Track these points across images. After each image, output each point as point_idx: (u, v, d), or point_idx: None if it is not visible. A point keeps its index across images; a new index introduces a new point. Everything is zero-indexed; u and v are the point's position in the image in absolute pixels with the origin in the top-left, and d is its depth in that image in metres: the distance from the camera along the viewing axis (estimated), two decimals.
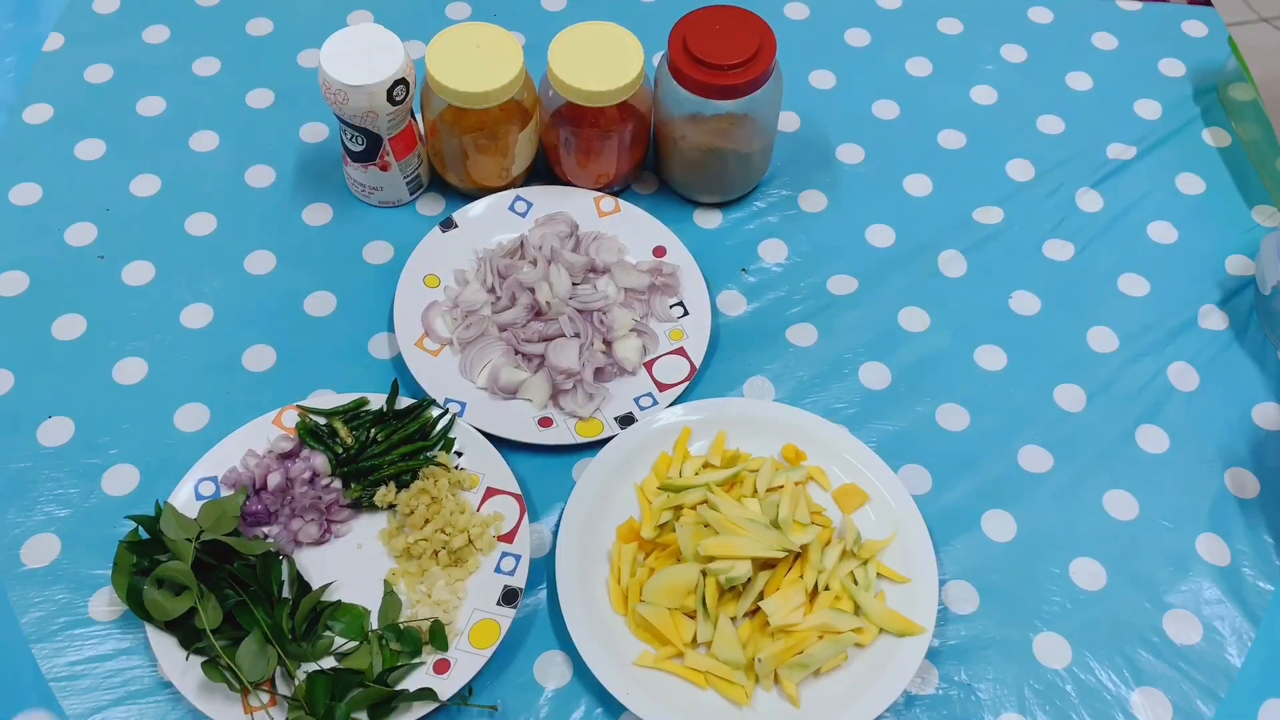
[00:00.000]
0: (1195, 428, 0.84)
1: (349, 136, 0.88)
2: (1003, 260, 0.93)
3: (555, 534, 0.77)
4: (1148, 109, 1.02)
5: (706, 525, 0.75)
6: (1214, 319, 0.90)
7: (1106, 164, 0.98)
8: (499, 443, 0.80)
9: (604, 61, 0.86)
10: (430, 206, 0.95)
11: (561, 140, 0.90)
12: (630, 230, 0.91)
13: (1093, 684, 0.74)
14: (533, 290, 0.86)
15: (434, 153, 0.93)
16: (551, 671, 0.73)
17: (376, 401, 0.81)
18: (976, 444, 0.83)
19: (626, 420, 0.82)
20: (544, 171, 0.95)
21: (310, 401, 0.81)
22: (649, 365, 0.85)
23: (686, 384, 0.84)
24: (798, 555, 0.75)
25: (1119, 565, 0.78)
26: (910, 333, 0.89)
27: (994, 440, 0.83)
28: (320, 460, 0.78)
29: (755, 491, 0.78)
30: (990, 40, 1.07)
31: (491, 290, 0.87)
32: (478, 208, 0.92)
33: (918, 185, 0.97)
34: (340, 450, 0.79)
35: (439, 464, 0.78)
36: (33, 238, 0.90)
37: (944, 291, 0.91)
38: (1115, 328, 0.89)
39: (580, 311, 0.86)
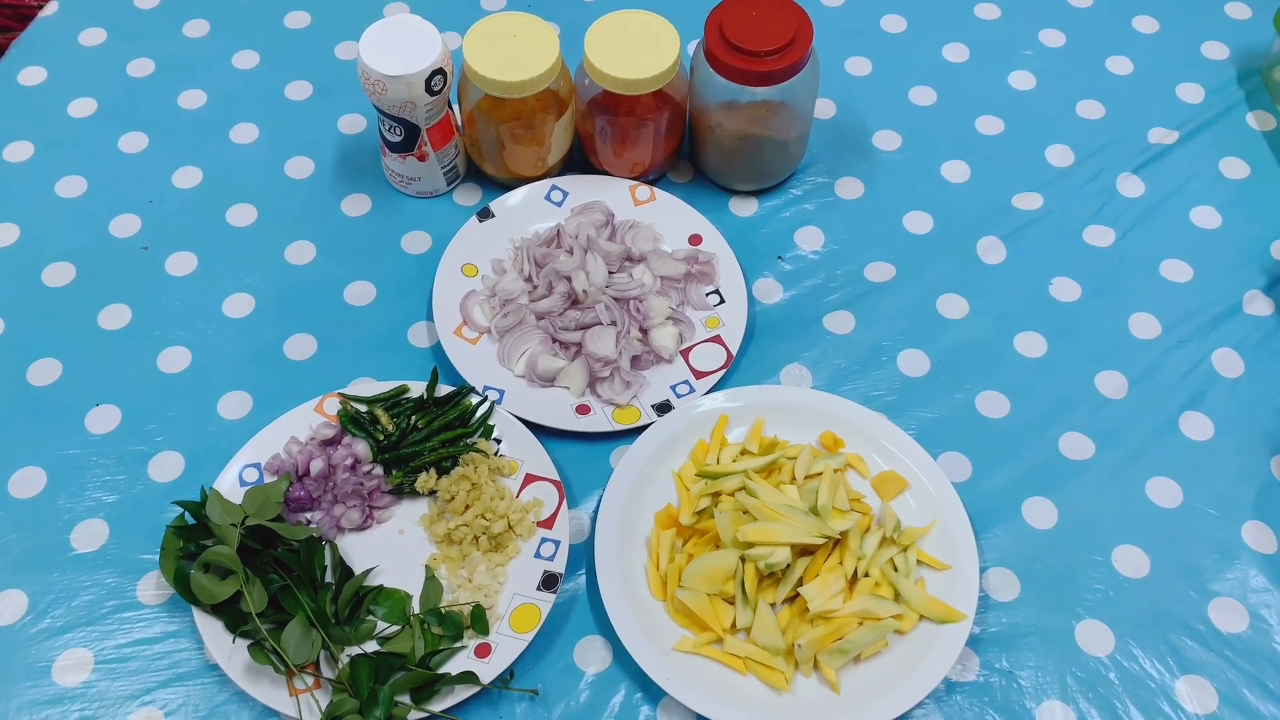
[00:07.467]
0: (1240, 414, 0.83)
1: (387, 127, 0.89)
2: (1042, 246, 0.92)
3: (594, 520, 0.78)
4: (1190, 93, 1.01)
5: (745, 512, 0.75)
6: (1259, 304, 0.89)
7: (1148, 149, 0.97)
8: (537, 430, 0.81)
9: (640, 49, 0.86)
10: (467, 196, 0.95)
11: (597, 129, 0.90)
12: (666, 218, 0.91)
13: (1136, 671, 0.73)
14: (569, 279, 0.86)
15: (471, 143, 0.93)
16: (591, 656, 0.74)
17: (417, 389, 0.82)
18: (1017, 431, 0.83)
19: (664, 408, 0.82)
20: (580, 161, 0.96)
21: (351, 389, 0.82)
22: (685, 353, 0.85)
23: (723, 372, 0.84)
24: (837, 542, 0.75)
25: (1163, 553, 0.77)
26: (949, 320, 0.88)
27: (1035, 427, 0.83)
28: (362, 447, 0.79)
29: (794, 478, 0.78)
30: (1028, 25, 1.06)
31: (529, 279, 0.88)
32: (514, 197, 0.92)
33: (956, 171, 0.96)
34: (381, 437, 0.80)
35: (479, 450, 0.79)
36: (79, 230, 0.92)
37: (983, 278, 0.90)
38: (1157, 314, 0.88)
39: (616, 300, 0.86)
